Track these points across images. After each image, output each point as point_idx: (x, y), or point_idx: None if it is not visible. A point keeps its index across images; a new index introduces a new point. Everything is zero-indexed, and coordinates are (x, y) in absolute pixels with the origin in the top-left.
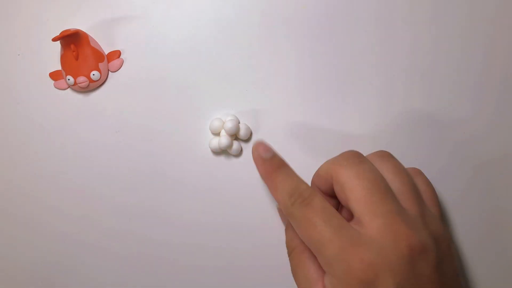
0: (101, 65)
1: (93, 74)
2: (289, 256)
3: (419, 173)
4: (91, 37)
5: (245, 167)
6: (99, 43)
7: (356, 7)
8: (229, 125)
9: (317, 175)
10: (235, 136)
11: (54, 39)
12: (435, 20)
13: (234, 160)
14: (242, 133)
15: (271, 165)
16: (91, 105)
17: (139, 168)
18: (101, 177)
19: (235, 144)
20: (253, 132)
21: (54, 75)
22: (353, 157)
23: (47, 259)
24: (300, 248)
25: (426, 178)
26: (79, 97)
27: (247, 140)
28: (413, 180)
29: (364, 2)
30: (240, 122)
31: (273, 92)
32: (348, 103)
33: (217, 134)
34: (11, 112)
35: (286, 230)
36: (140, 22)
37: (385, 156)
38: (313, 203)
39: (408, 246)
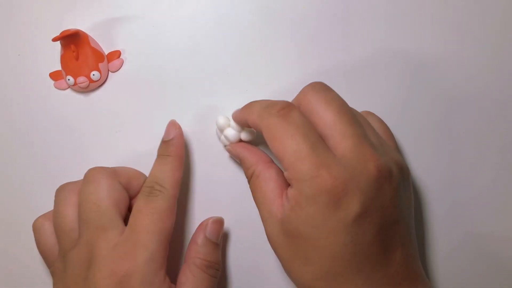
0: (101, 65)
1: (93, 74)
2: (249, 181)
3: (371, 113)
4: (91, 37)
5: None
6: (99, 43)
7: (356, 6)
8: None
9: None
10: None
11: (54, 39)
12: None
13: (232, 158)
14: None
15: (246, 106)
16: (91, 105)
17: (139, 168)
18: None
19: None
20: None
21: (54, 75)
22: (320, 85)
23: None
24: (258, 171)
25: (378, 117)
26: (79, 97)
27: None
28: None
29: (364, 2)
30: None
31: (273, 92)
32: (350, 102)
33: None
34: (11, 112)
35: (243, 160)
36: (140, 22)
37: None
38: (291, 114)
39: (377, 168)
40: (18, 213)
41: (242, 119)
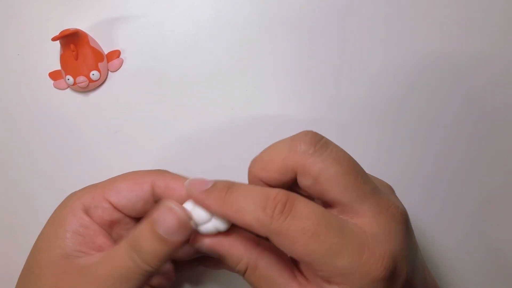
0: (100, 64)
1: (93, 74)
2: (243, 276)
3: None
4: (91, 37)
5: None
6: (98, 43)
7: (355, 6)
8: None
9: (265, 169)
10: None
11: (54, 39)
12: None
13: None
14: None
15: (219, 190)
16: (91, 105)
17: (139, 168)
18: (101, 177)
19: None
20: (252, 132)
21: (54, 75)
22: (317, 140)
23: None
24: (254, 260)
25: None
26: (79, 97)
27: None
28: None
29: (364, 2)
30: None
31: (273, 92)
32: (349, 103)
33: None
34: (11, 111)
35: (226, 256)
36: (140, 22)
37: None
38: (297, 208)
39: (402, 216)
40: (17, 212)
41: (221, 214)
